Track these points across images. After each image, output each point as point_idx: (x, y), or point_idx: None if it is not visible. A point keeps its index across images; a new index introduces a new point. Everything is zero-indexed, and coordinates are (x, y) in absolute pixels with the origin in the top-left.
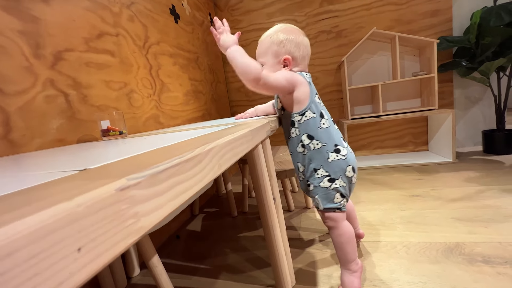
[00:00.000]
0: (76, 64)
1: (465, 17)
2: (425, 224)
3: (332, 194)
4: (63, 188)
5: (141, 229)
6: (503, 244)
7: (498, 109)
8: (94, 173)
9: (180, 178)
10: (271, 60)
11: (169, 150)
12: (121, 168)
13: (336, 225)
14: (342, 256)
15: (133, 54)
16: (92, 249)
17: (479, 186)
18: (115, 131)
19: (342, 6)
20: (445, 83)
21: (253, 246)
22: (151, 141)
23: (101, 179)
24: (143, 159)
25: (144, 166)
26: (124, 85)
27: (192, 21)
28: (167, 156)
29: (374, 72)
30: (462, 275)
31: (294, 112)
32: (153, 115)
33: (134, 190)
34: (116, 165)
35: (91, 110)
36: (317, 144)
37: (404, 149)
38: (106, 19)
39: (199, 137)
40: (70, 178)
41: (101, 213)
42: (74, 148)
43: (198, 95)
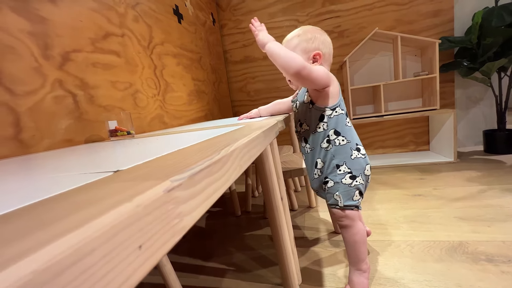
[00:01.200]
0: (83, 65)
1: (467, 18)
2: (428, 223)
3: (353, 191)
4: (113, 190)
5: (183, 229)
6: (507, 243)
7: (499, 109)
8: (130, 175)
9: (212, 179)
10: (301, 56)
11: (194, 151)
12: (157, 170)
13: (352, 224)
14: (354, 255)
15: (138, 54)
16: (150, 246)
17: (481, 185)
18: (122, 132)
19: (344, 6)
20: (447, 83)
21: (258, 245)
22: (164, 142)
23: (146, 180)
24: (174, 160)
25: (182, 167)
26: (130, 85)
27: (195, 21)
28: (198, 157)
29: (375, 72)
30: (466, 274)
31: (326, 106)
32: (158, 115)
33: (178, 191)
34: (149, 166)
35: (98, 110)
36: (342, 140)
37: (405, 149)
38: (112, 19)
39: (215, 138)
40: (108, 180)
41: (154, 213)
42: (84, 148)
43: (201, 95)
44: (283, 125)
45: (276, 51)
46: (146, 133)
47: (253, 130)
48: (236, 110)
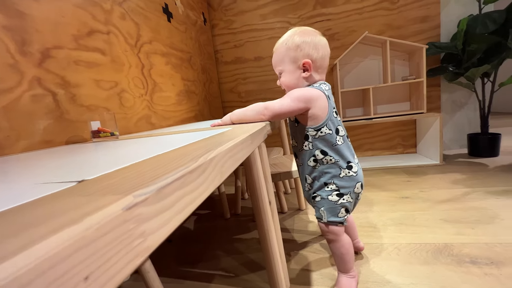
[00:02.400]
0: (64, 62)
1: (453, 24)
2: (415, 225)
3: (338, 208)
4: (66, 206)
5: (148, 248)
6: (489, 245)
7: (482, 113)
8: (93, 187)
9: (186, 190)
10: (289, 67)
11: (171, 158)
12: (124, 181)
13: (336, 238)
14: (342, 264)
15: (124, 52)
16: (100, 275)
17: (465, 188)
18: (106, 133)
19: (335, 9)
20: (433, 88)
21: (247, 249)
22: (147, 145)
23: (105, 194)
24: (145, 169)
25: (149, 179)
26: (115, 85)
27: (185, 21)
28: (171, 167)
29: (365, 75)
30: (451, 276)
31: (309, 126)
32: (145, 115)
33: (141, 208)
34: (117, 176)
35: (80, 110)
36: (330, 160)
37: (393, 151)
38: (97, 16)
39: (198, 143)
40: (68, 192)
41: (109, 236)
42: (63, 150)
43: (190, 95)
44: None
45: (240, 115)
46: (131, 134)
47: (240, 134)
48: (227, 111)
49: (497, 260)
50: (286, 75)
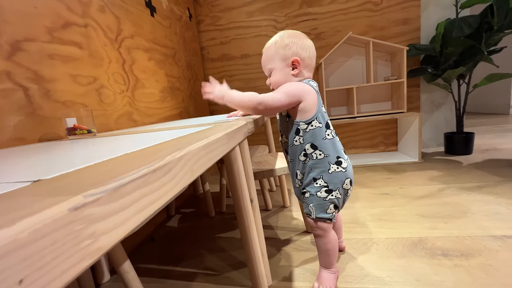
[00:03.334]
0: (37, 56)
1: (432, 27)
2: (393, 221)
3: (327, 205)
4: (6, 208)
5: (99, 250)
6: (460, 238)
7: (458, 113)
8: (47, 186)
9: (147, 189)
10: (279, 65)
11: (138, 157)
12: (79, 181)
13: (324, 234)
14: (326, 259)
15: (104, 47)
16: (38, 278)
17: (440, 184)
18: (82, 130)
19: (320, 9)
20: (413, 88)
21: (230, 247)
22: (121, 143)
23: (55, 195)
24: (107, 168)
25: (105, 178)
26: (94, 80)
27: (170, 15)
28: (134, 166)
29: (349, 75)
30: (424, 268)
31: (301, 120)
32: (126, 112)
33: (91, 208)
34: (75, 176)
35: (55, 106)
36: (319, 155)
37: (376, 149)
38: (73, 8)
39: (172, 141)
40: (18, 192)
41: (50, 238)
42: (35, 148)
43: (175, 92)
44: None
45: (232, 100)
46: (111, 132)
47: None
48: (213, 108)
49: (466, 252)
50: (276, 73)
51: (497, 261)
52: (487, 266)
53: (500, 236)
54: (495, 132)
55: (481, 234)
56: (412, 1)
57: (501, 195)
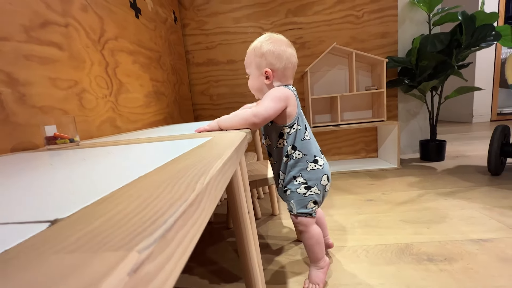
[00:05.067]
0: (11, 56)
1: (408, 41)
2: (379, 227)
3: (306, 200)
4: (53, 273)
5: None
6: (442, 243)
7: (431, 122)
8: (74, 233)
9: (187, 227)
10: (255, 72)
11: (159, 184)
12: (112, 224)
13: (306, 229)
14: (312, 255)
15: (86, 48)
16: None
17: (419, 190)
18: (64, 139)
19: (305, 19)
20: (391, 98)
21: (221, 258)
22: (119, 159)
23: (96, 250)
24: (133, 204)
25: (145, 220)
26: (74, 84)
27: (155, 18)
28: (167, 199)
29: (333, 84)
30: (413, 274)
31: (284, 124)
32: (109, 118)
33: (147, 266)
34: (97, 215)
35: (31, 112)
36: (298, 154)
37: (357, 156)
38: (52, 6)
39: (184, 159)
40: (42, 241)
41: None
42: (9, 161)
43: (160, 97)
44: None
45: (227, 121)
46: (94, 140)
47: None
48: (198, 113)
49: (450, 257)
50: (252, 78)
51: (477, 264)
52: (469, 270)
53: (477, 239)
54: (461, 139)
55: (461, 238)
56: (390, 16)
57: (473, 200)
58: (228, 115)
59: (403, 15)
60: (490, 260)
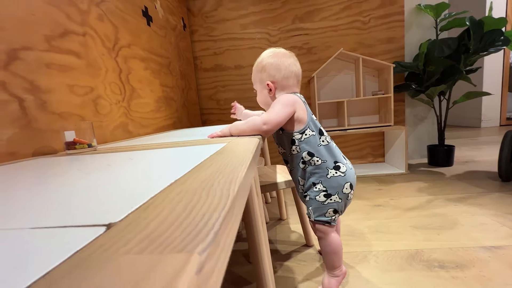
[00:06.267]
0: (34, 65)
1: (414, 46)
2: (389, 233)
3: (325, 208)
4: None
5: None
6: (453, 250)
7: (439, 127)
8: (134, 236)
9: (227, 231)
10: (259, 86)
11: (194, 189)
12: (165, 228)
13: (324, 237)
14: (328, 262)
15: (101, 56)
16: None
17: (428, 195)
18: (83, 144)
19: (312, 25)
20: (398, 102)
21: (231, 263)
22: (143, 163)
23: (161, 251)
24: (176, 208)
25: (196, 222)
26: (91, 90)
27: (165, 25)
28: (208, 204)
29: (340, 89)
30: (424, 281)
31: (294, 131)
32: (122, 123)
33: (207, 266)
34: (146, 219)
35: (51, 118)
36: (317, 161)
37: (364, 161)
38: (72, 16)
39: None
40: (108, 246)
41: None
42: (34, 165)
43: (169, 102)
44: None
45: (239, 127)
46: (109, 145)
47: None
48: (205, 118)
49: (461, 264)
50: (258, 94)
51: (489, 271)
52: (481, 277)
53: (489, 247)
54: (470, 144)
55: (472, 245)
56: (396, 21)
57: (484, 206)
58: (240, 122)
59: (410, 20)
60: (503, 267)
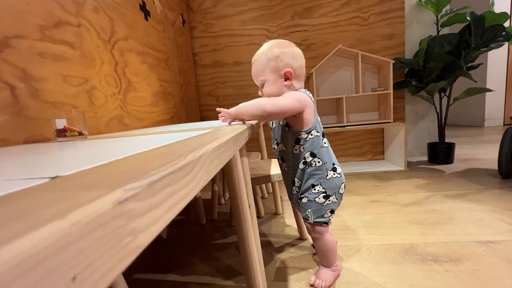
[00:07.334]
0: (27, 54)
1: (415, 42)
2: (384, 227)
3: (324, 210)
4: (44, 201)
5: (137, 248)
6: (448, 244)
7: (439, 125)
8: (72, 182)
9: (175, 187)
10: (271, 76)
11: (156, 155)
12: (105, 177)
13: (320, 237)
14: (324, 260)
15: (96, 48)
16: (88, 276)
17: (426, 192)
18: (73, 132)
19: (311, 21)
20: (398, 99)
21: (223, 255)
22: (124, 144)
23: (89, 189)
24: (128, 166)
25: (137, 174)
26: (85, 81)
27: (164, 20)
28: (159, 163)
29: (339, 85)
30: (416, 274)
31: (301, 130)
32: (117, 115)
33: (132, 203)
34: (97, 173)
35: (44, 106)
36: (318, 162)
37: (363, 158)
38: (67, 7)
39: (182, 142)
40: (42, 187)
41: (98, 232)
42: (23, 149)
43: (167, 97)
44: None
45: (245, 108)
46: (102, 135)
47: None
48: (204, 114)
49: (455, 258)
50: (269, 84)
51: (483, 265)
52: (475, 271)
53: (484, 241)
54: (472, 143)
55: (467, 240)
56: (397, 18)
57: (483, 203)
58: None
59: (411, 16)
60: (498, 261)
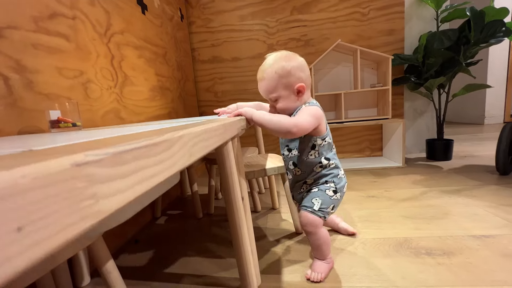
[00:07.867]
0: (20, 45)
1: (414, 38)
2: (379, 222)
3: (330, 203)
4: (5, 160)
5: (99, 213)
6: (442, 238)
7: (438, 121)
8: (41, 152)
9: (148, 161)
10: (284, 92)
11: (137, 135)
12: (73, 147)
13: (314, 231)
14: (318, 253)
15: (92, 41)
16: (37, 230)
17: (423, 188)
18: (67, 123)
19: (310, 16)
20: (397, 96)
21: (218, 248)
22: (113, 131)
23: (52, 154)
24: (106, 142)
25: (106, 144)
26: (80, 74)
27: (161, 15)
28: (133, 137)
29: (337, 81)
30: (409, 267)
31: (317, 136)
32: (113, 109)
33: (94, 168)
34: (69, 147)
35: (38, 98)
36: (332, 164)
37: (362, 154)
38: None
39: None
40: (11, 156)
41: (51, 189)
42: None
43: (165, 92)
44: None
45: (264, 119)
46: (97, 127)
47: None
48: (202, 110)
49: (448, 251)
50: (283, 100)
51: (477, 259)
52: (468, 264)
53: (479, 235)
54: (471, 140)
55: (462, 234)
56: (396, 13)
57: (479, 198)
58: (266, 114)
59: (410, 12)
60: (491, 255)
